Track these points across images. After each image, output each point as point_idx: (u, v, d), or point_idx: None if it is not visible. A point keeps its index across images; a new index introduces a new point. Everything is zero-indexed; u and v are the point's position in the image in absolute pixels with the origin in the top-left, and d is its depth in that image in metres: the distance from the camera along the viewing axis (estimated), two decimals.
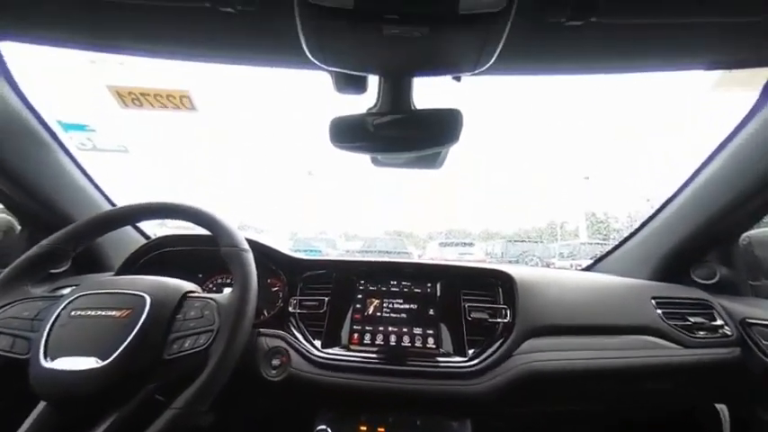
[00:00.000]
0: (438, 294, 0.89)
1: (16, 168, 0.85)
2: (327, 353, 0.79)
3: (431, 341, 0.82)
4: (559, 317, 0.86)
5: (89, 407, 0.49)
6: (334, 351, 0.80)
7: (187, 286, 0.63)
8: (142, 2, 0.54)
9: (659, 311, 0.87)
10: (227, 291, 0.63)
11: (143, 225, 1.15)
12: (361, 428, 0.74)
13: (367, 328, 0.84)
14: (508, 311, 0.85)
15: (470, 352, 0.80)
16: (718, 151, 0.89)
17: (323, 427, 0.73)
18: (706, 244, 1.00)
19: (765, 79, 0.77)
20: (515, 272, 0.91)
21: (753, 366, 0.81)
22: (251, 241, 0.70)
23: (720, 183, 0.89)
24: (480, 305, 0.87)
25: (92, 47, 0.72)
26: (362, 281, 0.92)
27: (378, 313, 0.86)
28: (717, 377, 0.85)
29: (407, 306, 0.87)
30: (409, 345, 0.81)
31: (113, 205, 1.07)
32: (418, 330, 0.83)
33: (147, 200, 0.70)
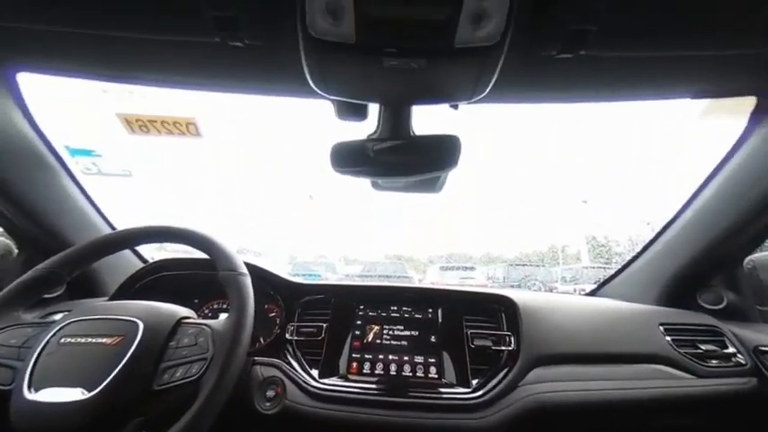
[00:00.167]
0: (439, 320, 0.87)
1: (20, 192, 0.86)
2: (325, 383, 0.76)
3: (433, 370, 0.79)
4: (566, 344, 0.83)
5: None
6: (332, 381, 0.77)
7: (182, 312, 0.62)
8: (155, 37, 0.57)
9: (668, 338, 0.85)
10: (223, 316, 0.61)
11: (141, 249, 1.15)
12: None
13: (366, 356, 0.81)
14: (512, 338, 0.83)
15: (474, 382, 0.77)
16: (712, 177, 0.90)
17: None
18: (710, 268, 0.99)
19: (751, 107, 0.80)
20: (518, 297, 0.90)
21: None
22: (249, 265, 0.69)
23: (718, 208, 0.90)
24: (483, 332, 0.85)
25: (105, 78, 0.75)
26: (362, 306, 0.90)
27: (378, 340, 0.84)
28: (735, 410, 0.81)
29: (408, 333, 0.85)
30: (410, 374, 0.78)
31: (114, 230, 1.07)
32: (419, 359, 0.80)
33: (146, 223, 0.70)
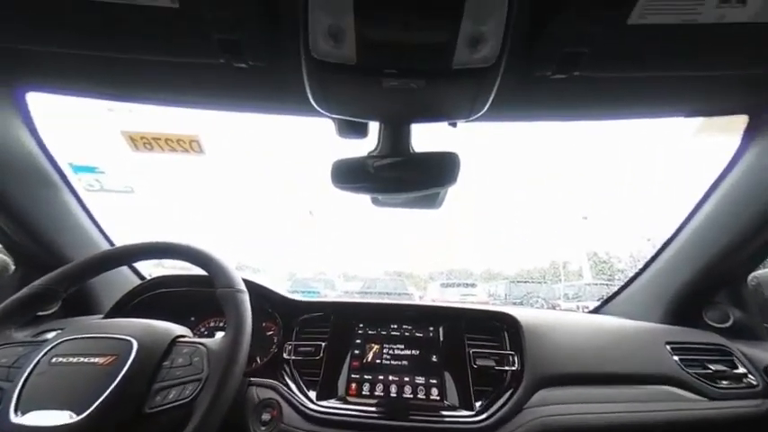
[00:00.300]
0: (441, 339, 0.85)
1: (22, 208, 0.86)
2: (322, 406, 0.73)
3: (434, 392, 0.76)
4: (571, 364, 0.81)
5: None
6: (330, 404, 0.74)
7: (177, 330, 0.60)
8: (161, 59, 0.59)
9: (676, 358, 0.83)
10: (219, 335, 0.60)
11: (140, 265, 1.14)
12: None
13: (366, 376, 0.79)
14: (516, 358, 0.81)
15: (477, 405, 0.74)
16: (709, 194, 0.91)
17: None
18: (713, 285, 0.98)
19: (744, 125, 0.81)
20: (521, 314, 0.88)
21: None
22: (247, 282, 0.68)
23: (717, 224, 0.90)
24: (486, 351, 0.83)
25: (112, 97, 0.77)
26: (362, 324, 0.88)
27: (377, 360, 0.82)
28: None
29: (409, 352, 0.83)
30: (411, 396, 0.76)
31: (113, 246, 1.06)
32: (421, 379, 0.78)
33: (144, 239, 0.70)
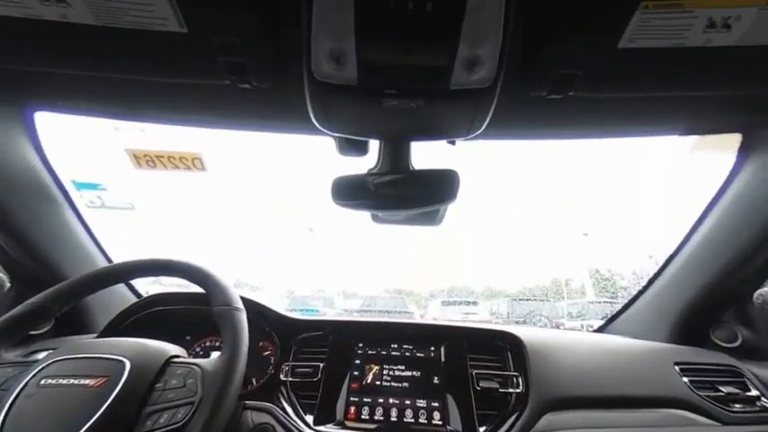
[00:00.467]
0: (442, 359, 0.83)
1: (22, 226, 0.86)
2: (320, 431, 0.70)
3: (436, 416, 0.73)
4: (578, 387, 0.78)
5: None
6: (328, 429, 0.71)
7: (172, 350, 0.59)
8: (168, 80, 0.60)
9: (685, 380, 0.80)
10: (215, 355, 0.58)
11: (136, 283, 1.12)
12: None
13: (365, 399, 0.76)
14: (520, 380, 0.78)
15: (482, 430, 0.71)
16: (708, 210, 0.90)
17: None
18: (719, 303, 0.96)
19: (738, 142, 0.82)
20: (524, 334, 0.86)
21: None
22: (244, 299, 0.67)
23: (717, 242, 0.89)
24: (489, 372, 0.80)
25: (119, 117, 0.79)
26: (361, 344, 0.86)
27: (377, 382, 0.79)
28: None
29: (410, 373, 0.80)
30: (412, 420, 0.73)
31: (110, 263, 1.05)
32: (422, 402, 0.75)
33: (141, 257, 0.69)
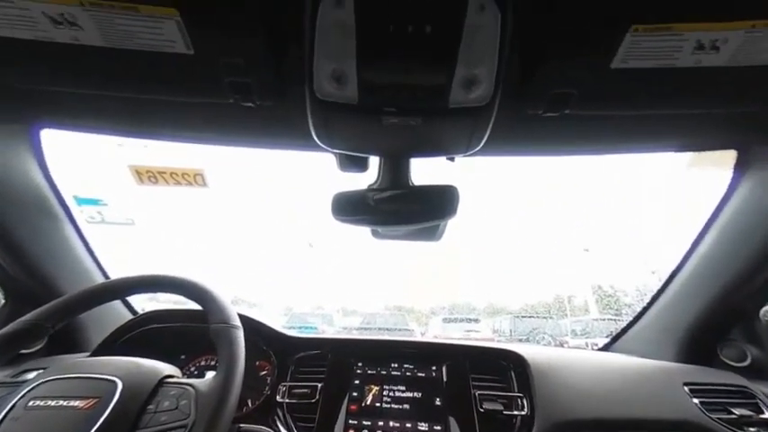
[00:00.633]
0: (444, 379, 0.80)
1: (21, 242, 0.86)
2: None
3: None
4: (585, 409, 0.75)
5: None
6: None
7: (165, 370, 0.57)
8: (173, 99, 0.62)
9: (696, 401, 0.77)
10: (210, 375, 0.57)
11: (133, 299, 1.11)
12: None
13: (365, 422, 0.73)
14: (525, 401, 0.76)
15: None
16: (708, 226, 0.90)
17: None
18: (724, 320, 0.94)
19: (733, 159, 0.83)
20: (528, 353, 0.84)
21: None
22: (241, 316, 0.66)
23: (719, 258, 0.89)
24: (493, 393, 0.78)
25: (124, 134, 0.80)
26: (360, 363, 0.83)
27: (377, 403, 0.76)
28: None
29: (411, 394, 0.78)
30: None
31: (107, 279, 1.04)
32: (423, 426, 0.72)
33: (138, 273, 0.69)
